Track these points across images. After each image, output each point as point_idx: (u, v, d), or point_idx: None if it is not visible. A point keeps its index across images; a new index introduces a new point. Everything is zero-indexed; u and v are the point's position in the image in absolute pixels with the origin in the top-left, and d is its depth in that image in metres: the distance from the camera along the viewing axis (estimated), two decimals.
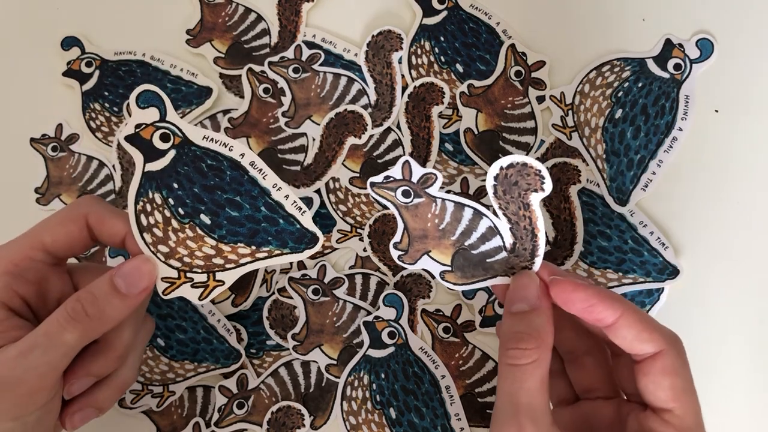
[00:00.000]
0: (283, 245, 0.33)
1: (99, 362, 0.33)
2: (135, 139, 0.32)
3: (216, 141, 0.33)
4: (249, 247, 0.33)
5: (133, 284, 0.31)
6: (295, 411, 0.42)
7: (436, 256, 0.34)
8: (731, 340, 0.42)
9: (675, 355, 0.30)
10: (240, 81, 0.47)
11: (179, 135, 0.33)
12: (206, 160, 0.33)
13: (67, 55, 0.48)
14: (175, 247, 0.33)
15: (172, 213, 0.32)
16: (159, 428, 0.43)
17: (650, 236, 0.42)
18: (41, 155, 0.47)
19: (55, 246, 0.33)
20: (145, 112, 0.32)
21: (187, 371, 0.43)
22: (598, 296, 0.30)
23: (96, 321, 0.31)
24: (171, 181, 0.32)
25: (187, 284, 0.33)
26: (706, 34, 0.44)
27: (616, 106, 0.44)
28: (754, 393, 0.42)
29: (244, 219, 0.33)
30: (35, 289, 0.33)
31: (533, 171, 0.32)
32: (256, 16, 0.48)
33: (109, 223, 0.33)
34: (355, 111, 0.45)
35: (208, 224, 0.33)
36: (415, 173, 0.34)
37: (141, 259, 0.32)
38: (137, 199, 0.32)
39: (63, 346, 0.30)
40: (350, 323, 0.43)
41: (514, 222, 0.33)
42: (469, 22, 0.46)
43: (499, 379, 0.31)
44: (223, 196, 0.33)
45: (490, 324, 0.42)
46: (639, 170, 0.43)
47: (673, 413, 0.29)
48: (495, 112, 0.45)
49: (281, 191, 0.33)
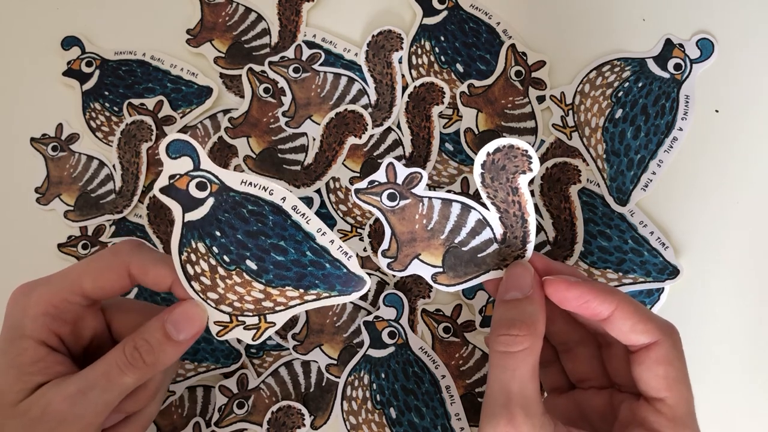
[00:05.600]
0: (330, 288, 0.33)
1: (133, 401, 0.34)
2: (170, 190, 0.31)
3: (255, 185, 0.32)
4: (297, 290, 0.33)
5: (184, 331, 0.32)
6: (296, 411, 0.42)
7: (426, 258, 0.34)
8: (731, 340, 0.42)
9: (670, 345, 0.30)
10: (240, 81, 0.47)
11: (216, 182, 0.32)
12: (246, 205, 0.32)
13: (67, 54, 0.48)
14: (225, 294, 0.32)
15: (218, 261, 0.32)
16: (159, 428, 0.43)
17: (650, 236, 0.42)
18: (41, 155, 0.47)
19: (94, 291, 0.33)
20: (178, 162, 0.31)
21: (188, 371, 0.43)
22: (593, 292, 0.30)
23: (152, 367, 0.32)
24: (213, 229, 0.32)
25: (240, 327, 0.33)
26: (706, 34, 0.44)
27: (617, 106, 0.44)
28: (754, 393, 0.42)
29: (290, 263, 0.33)
30: (70, 329, 0.33)
31: (520, 152, 0.32)
32: (257, 15, 0.48)
33: (153, 272, 0.33)
34: (356, 111, 0.45)
35: (255, 269, 0.32)
36: (400, 174, 0.34)
37: (190, 305, 0.32)
38: (181, 250, 0.32)
39: (120, 387, 0.31)
40: (350, 323, 0.43)
41: (504, 210, 0.33)
42: (470, 22, 0.46)
43: (489, 368, 0.31)
44: (267, 241, 0.32)
45: (490, 324, 0.42)
46: (639, 170, 0.43)
47: (665, 402, 0.30)
48: (495, 112, 0.45)
49: (326, 236, 0.33)
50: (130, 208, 0.45)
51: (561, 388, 0.36)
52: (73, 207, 0.46)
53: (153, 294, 0.44)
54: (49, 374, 0.31)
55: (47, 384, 0.31)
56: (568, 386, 0.36)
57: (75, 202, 0.46)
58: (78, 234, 0.46)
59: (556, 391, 0.36)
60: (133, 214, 0.46)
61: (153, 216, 0.45)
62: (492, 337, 0.31)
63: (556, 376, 0.37)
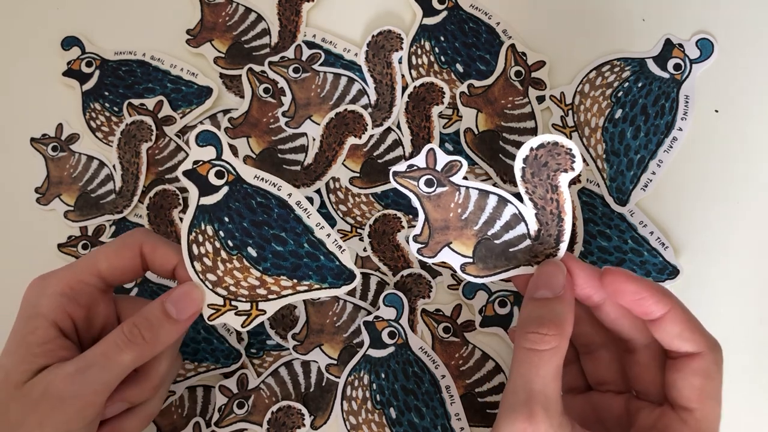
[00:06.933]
0: (322, 280, 0.35)
1: (136, 390, 0.34)
2: (192, 175, 0.35)
3: (266, 180, 0.35)
4: (291, 280, 0.35)
5: (183, 310, 0.33)
6: (296, 411, 0.42)
7: (457, 247, 0.34)
8: (731, 340, 0.42)
9: (712, 360, 0.30)
10: (240, 81, 0.47)
11: (233, 173, 0.35)
12: (256, 197, 0.35)
13: (67, 54, 0.48)
14: (223, 276, 0.35)
15: (222, 244, 0.35)
16: (159, 428, 0.43)
17: (650, 236, 0.42)
18: (41, 155, 0.47)
19: (109, 272, 0.35)
20: (203, 150, 0.35)
21: (188, 371, 0.43)
22: (649, 289, 0.30)
23: (150, 344, 0.33)
24: (222, 215, 0.35)
25: (232, 312, 0.35)
26: (706, 34, 0.44)
27: (616, 106, 0.44)
28: (755, 393, 0.42)
29: (288, 254, 0.35)
30: (84, 313, 0.34)
31: (564, 150, 0.32)
32: (257, 16, 0.48)
33: (161, 251, 0.35)
34: (356, 111, 0.45)
35: (255, 256, 0.35)
36: (440, 161, 0.34)
37: (190, 286, 0.34)
38: (190, 230, 0.35)
39: (119, 367, 0.32)
40: (350, 323, 0.43)
41: (541, 207, 0.33)
42: (469, 22, 0.46)
43: (513, 363, 0.30)
44: (270, 232, 0.35)
45: (490, 324, 0.42)
46: (639, 170, 0.43)
47: (694, 414, 0.29)
48: (495, 112, 0.45)
49: (323, 230, 0.35)
50: (130, 208, 0.45)
51: (578, 388, 0.36)
52: (73, 207, 0.46)
53: (157, 293, 0.44)
54: (54, 358, 0.32)
55: (50, 367, 0.32)
56: (585, 387, 0.36)
57: (75, 202, 0.46)
58: (78, 234, 0.46)
59: (572, 391, 0.36)
60: (133, 214, 0.46)
61: (153, 216, 0.45)
62: (519, 333, 0.31)
63: (574, 376, 0.36)
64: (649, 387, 0.32)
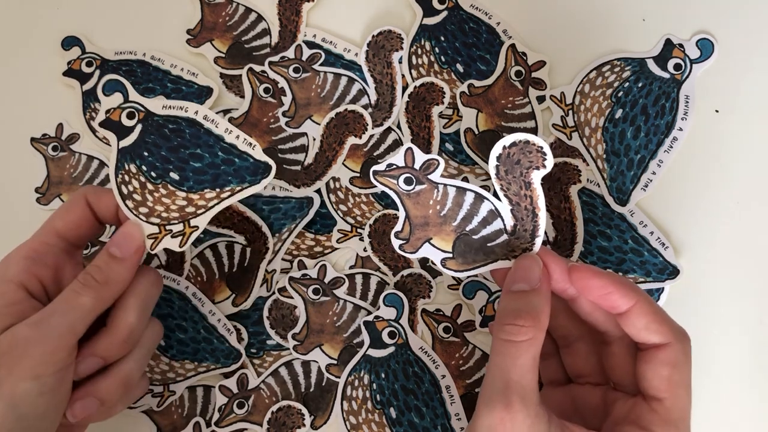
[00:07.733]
0: (242, 181, 0.37)
1: (104, 343, 0.35)
2: (107, 123, 0.37)
3: (173, 107, 0.37)
4: (214, 191, 0.37)
5: (126, 248, 0.35)
6: (296, 411, 0.42)
7: (437, 243, 0.35)
8: (731, 340, 0.42)
9: (680, 349, 0.30)
10: (240, 81, 0.47)
11: (142, 110, 0.37)
12: (168, 125, 0.37)
13: (67, 54, 0.48)
14: (153, 206, 0.36)
15: (146, 177, 0.36)
16: (159, 428, 0.43)
17: (650, 236, 0.42)
18: (42, 155, 0.47)
19: (65, 229, 0.37)
20: (111, 98, 0.37)
21: (188, 371, 0.43)
22: (615, 284, 0.31)
23: (105, 286, 0.34)
24: (141, 150, 0.36)
25: (168, 236, 0.36)
26: (706, 34, 0.44)
27: (617, 106, 0.44)
28: (754, 393, 0.42)
29: (206, 167, 0.37)
30: (52, 274, 0.36)
31: (535, 148, 0.33)
32: (257, 15, 0.48)
33: (104, 198, 0.37)
34: (356, 111, 0.45)
35: (177, 179, 0.36)
36: (418, 160, 0.35)
37: (128, 225, 0.36)
38: (116, 173, 0.36)
39: (80, 309, 0.33)
40: (350, 323, 0.43)
41: (515, 203, 0.34)
42: (470, 22, 0.46)
43: (491, 354, 0.31)
44: (186, 152, 0.36)
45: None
46: (639, 170, 0.43)
47: (663, 403, 0.30)
48: (495, 112, 0.45)
49: (232, 133, 0.37)
50: None
51: (558, 381, 0.37)
52: None
53: None
54: (22, 317, 0.33)
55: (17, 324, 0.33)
56: (565, 380, 0.37)
57: None
58: None
59: (553, 383, 0.37)
60: None
61: None
62: (497, 325, 0.32)
63: (554, 369, 0.37)
64: (623, 378, 0.33)
